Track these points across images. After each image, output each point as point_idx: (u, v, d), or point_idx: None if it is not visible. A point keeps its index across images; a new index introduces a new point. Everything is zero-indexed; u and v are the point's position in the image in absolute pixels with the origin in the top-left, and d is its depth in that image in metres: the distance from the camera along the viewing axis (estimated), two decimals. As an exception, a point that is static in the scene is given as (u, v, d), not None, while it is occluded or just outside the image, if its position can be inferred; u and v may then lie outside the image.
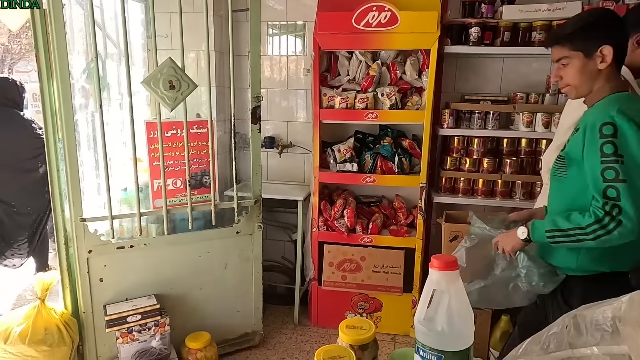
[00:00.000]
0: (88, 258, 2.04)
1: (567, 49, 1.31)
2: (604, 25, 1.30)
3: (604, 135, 1.19)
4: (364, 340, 1.18)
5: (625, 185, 1.15)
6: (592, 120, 1.23)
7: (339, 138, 2.80)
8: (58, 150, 1.95)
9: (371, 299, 2.71)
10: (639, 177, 1.17)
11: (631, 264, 1.32)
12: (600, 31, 1.28)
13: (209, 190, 2.29)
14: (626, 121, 1.18)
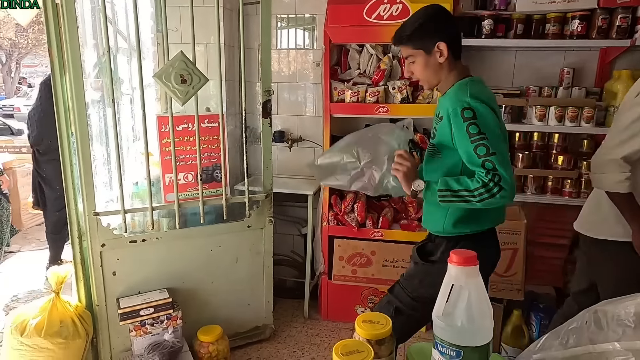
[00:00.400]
0: (101, 252, 2.06)
1: (410, 48, 1.49)
2: (436, 23, 1.46)
3: (467, 119, 1.36)
4: (381, 335, 1.18)
5: (496, 157, 1.33)
6: (452, 107, 1.39)
7: (348, 131, 2.76)
8: (71, 144, 1.96)
9: (381, 293, 2.71)
10: (504, 147, 1.39)
11: (488, 224, 1.55)
12: (434, 29, 1.46)
13: (220, 184, 2.30)
14: (480, 104, 1.37)
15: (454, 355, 1.00)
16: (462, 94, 1.41)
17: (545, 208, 2.53)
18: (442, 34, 1.45)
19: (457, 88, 1.46)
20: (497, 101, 2.48)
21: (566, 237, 2.56)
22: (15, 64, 18.56)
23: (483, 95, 1.42)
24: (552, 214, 2.54)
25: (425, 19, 1.46)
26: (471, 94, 1.39)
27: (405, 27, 1.48)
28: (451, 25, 1.49)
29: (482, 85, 1.49)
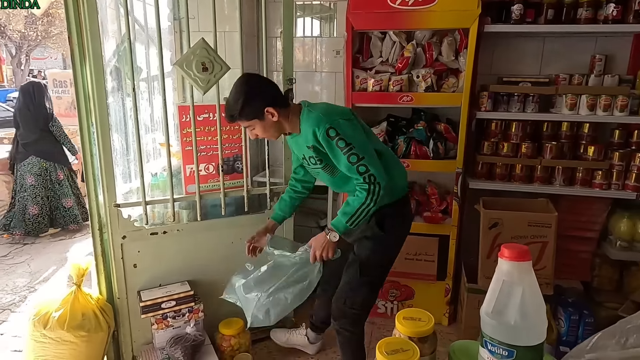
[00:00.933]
0: (122, 244, 2.02)
1: (245, 121, 1.65)
2: (257, 94, 1.61)
3: (333, 137, 1.55)
4: (424, 333, 1.13)
5: (366, 159, 1.56)
6: (318, 133, 1.58)
7: (369, 122, 2.69)
8: (91, 134, 1.92)
9: (402, 287, 2.66)
10: (370, 147, 1.61)
11: (399, 193, 1.80)
12: (258, 100, 1.61)
13: (241, 175, 2.25)
14: (335, 119, 1.57)
15: (506, 355, 0.95)
16: (315, 120, 1.59)
17: (573, 200, 2.46)
18: (266, 100, 1.61)
19: (306, 120, 1.64)
20: (521, 89, 2.42)
21: (594, 230, 2.49)
22: (25, 57, 18.62)
23: (332, 111, 1.63)
24: (580, 206, 2.46)
25: (246, 95, 1.60)
26: (323, 115, 1.58)
27: (231, 106, 1.62)
28: (269, 88, 1.66)
29: (322, 104, 1.70)
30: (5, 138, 5.12)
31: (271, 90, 1.66)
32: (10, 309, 3.01)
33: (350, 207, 1.63)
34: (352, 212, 1.62)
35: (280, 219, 2.01)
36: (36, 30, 17.28)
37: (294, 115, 1.68)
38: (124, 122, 2.23)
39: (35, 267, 3.65)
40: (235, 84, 1.64)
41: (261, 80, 1.70)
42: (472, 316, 2.32)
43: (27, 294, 3.20)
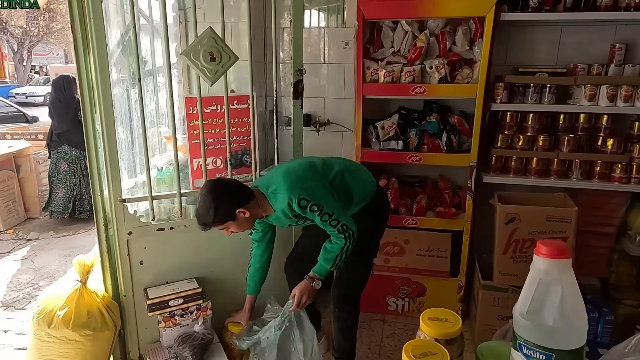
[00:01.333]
0: (128, 240, 1.97)
1: (219, 226, 1.75)
2: (225, 201, 1.69)
3: (306, 206, 1.68)
4: (451, 334, 1.06)
5: (335, 215, 1.71)
6: (291, 208, 1.71)
7: (379, 115, 2.65)
8: (96, 127, 1.85)
9: (414, 283, 2.60)
10: (335, 204, 1.74)
11: (371, 191, 1.92)
12: (228, 206, 1.69)
13: (249, 169, 2.18)
14: (302, 190, 1.69)
15: (543, 359, 0.88)
16: (285, 199, 1.70)
17: (591, 194, 2.38)
18: (236, 203, 1.69)
19: (277, 202, 1.75)
20: (538, 80, 2.33)
21: (612, 225, 2.41)
22: (27, 53, 18.57)
23: (293, 181, 1.72)
24: (599, 200, 2.39)
25: (215, 204, 1.67)
26: (289, 192, 1.69)
27: (203, 216, 1.70)
28: (234, 190, 1.73)
29: (277, 177, 1.78)
30: (7, 134, 5.08)
31: (237, 191, 1.73)
32: (14, 306, 2.96)
33: (330, 254, 1.76)
34: (333, 257, 1.76)
35: (258, 290, 2.11)
36: (38, 26, 17.23)
37: (261, 200, 1.77)
38: (129, 115, 2.16)
39: (38, 263, 3.60)
40: (201, 194, 1.71)
41: (226, 185, 1.75)
42: (487, 314, 2.26)
43: (30, 290, 3.16)
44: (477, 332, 2.30)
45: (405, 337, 2.48)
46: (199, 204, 1.71)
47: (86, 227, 4.40)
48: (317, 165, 1.85)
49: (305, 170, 1.80)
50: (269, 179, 1.83)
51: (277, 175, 1.80)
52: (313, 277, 1.81)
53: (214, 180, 1.78)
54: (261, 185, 1.81)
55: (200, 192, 1.72)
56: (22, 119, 7.93)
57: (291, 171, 1.79)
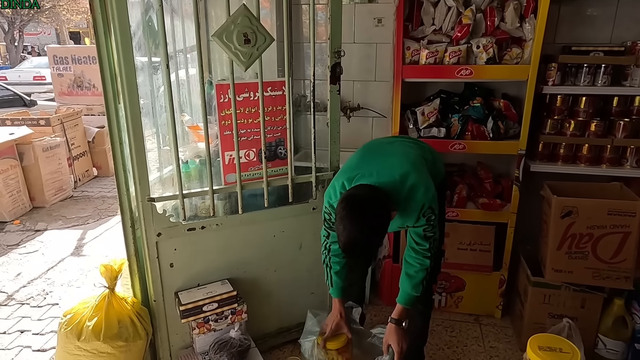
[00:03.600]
0: (157, 242, 1.81)
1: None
2: (380, 219, 1.40)
3: (428, 214, 1.50)
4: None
5: (438, 227, 1.57)
6: (416, 217, 1.51)
7: (415, 99, 2.46)
8: (119, 118, 1.67)
9: (452, 278, 2.46)
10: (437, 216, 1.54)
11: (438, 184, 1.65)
12: (385, 222, 1.41)
13: (284, 162, 2.01)
14: (433, 197, 1.52)
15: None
16: (417, 202, 1.48)
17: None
18: (390, 210, 1.44)
19: (407, 205, 1.50)
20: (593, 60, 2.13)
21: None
22: (18, 32, 17.99)
23: (427, 184, 1.51)
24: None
25: (375, 224, 1.39)
26: (424, 195, 1.48)
27: (364, 243, 1.39)
28: (381, 197, 1.43)
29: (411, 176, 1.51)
30: (7, 119, 4.85)
31: (381, 198, 1.42)
32: (29, 303, 2.82)
33: (416, 279, 1.58)
34: (419, 282, 1.59)
35: (344, 291, 1.82)
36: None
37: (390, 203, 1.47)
38: (151, 104, 1.97)
39: (50, 256, 3.45)
40: (349, 220, 1.36)
41: (370, 198, 1.41)
42: (536, 312, 2.14)
43: (45, 286, 3.02)
44: (524, 331, 2.18)
45: (445, 335, 2.36)
46: (349, 233, 1.36)
47: (95, 217, 4.25)
48: (424, 158, 1.62)
49: (425, 168, 1.56)
50: (379, 172, 1.50)
51: (394, 168, 1.50)
52: (400, 318, 1.64)
53: (349, 200, 1.40)
54: (367, 178, 1.49)
55: (342, 221, 1.37)
56: (20, 103, 7.63)
57: (415, 168, 1.52)
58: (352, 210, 1.37)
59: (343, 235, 1.37)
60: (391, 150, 1.66)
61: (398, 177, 1.47)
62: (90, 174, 5.38)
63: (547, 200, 2.11)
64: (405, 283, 1.61)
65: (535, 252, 2.32)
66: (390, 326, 1.66)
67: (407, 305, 1.64)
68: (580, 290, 2.06)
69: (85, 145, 5.29)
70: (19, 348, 2.39)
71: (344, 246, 1.39)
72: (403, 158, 1.58)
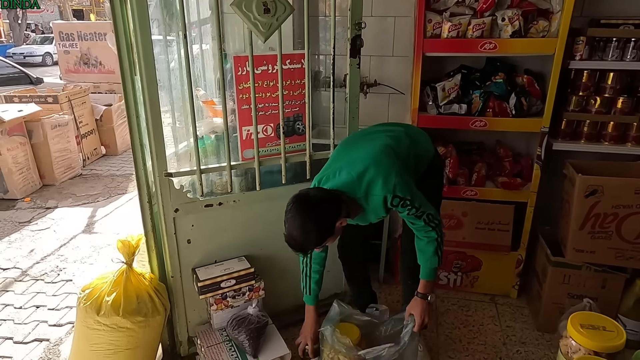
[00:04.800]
0: (174, 218, 1.78)
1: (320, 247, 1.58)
2: (321, 222, 1.47)
3: (398, 203, 1.52)
4: (615, 348, 0.90)
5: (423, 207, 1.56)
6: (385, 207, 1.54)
7: (434, 75, 2.39)
8: (136, 90, 1.62)
9: (469, 257, 2.44)
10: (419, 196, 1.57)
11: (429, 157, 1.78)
12: (326, 225, 1.48)
13: (301, 137, 1.97)
14: (395, 186, 1.50)
15: None
16: (377, 196, 1.51)
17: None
18: (332, 218, 1.48)
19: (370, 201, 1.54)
20: (626, 34, 2.06)
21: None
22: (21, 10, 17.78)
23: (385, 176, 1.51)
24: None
25: (314, 225, 1.45)
26: (382, 187, 1.50)
27: (303, 242, 1.48)
28: (328, 203, 1.48)
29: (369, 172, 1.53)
30: (15, 96, 4.80)
31: (329, 204, 1.49)
32: (43, 279, 2.84)
33: (428, 252, 1.64)
34: (433, 253, 1.63)
35: (318, 299, 1.93)
36: (31, -20, 16.35)
37: (349, 201, 1.54)
38: (167, 78, 1.92)
39: (62, 233, 3.46)
40: (288, 217, 1.47)
41: (314, 200, 1.49)
42: (555, 292, 2.11)
43: (58, 262, 3.03)
44: (542, 311, 2.16)
45: (461, 314, 2.35)
46: (290, 229, 1.47)
47: (105, 195, 4.24)
48: (392, 147, 1.62)
49: (390, 158, 1.57)
50: (341, 170, 1.57)
51: (354, 166, 1.55)
52: (425, 292, 1.70)
53: (298, 198, 1.49)
54: (331, 180, 1.58)
55: (286, 216, 1.48)
56: (26, 80, 7.58)
57: (375, 161, 1.54)
58: (296, 210, 1.46)
59: (285, 230, 1.49)
60: (359, 146, 1.67)
61: (355, 176, 1.52)
62: (98, 152, 5.36)
63: (570, 179, 2.06)
64: (420, 258, 1.67)
65: (554, 232, 2.29)
66: (416, 299, 1.71)
67: (429, 278, 1.69)
68: (601, 271, 2.03)
69: (93, 123, 5.26)
70: (35, 322, 2.40)
71: (285, 239, 1.50)
72: (366, 153, 1.59)
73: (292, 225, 1.46)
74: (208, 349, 1.85)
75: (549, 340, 2.14)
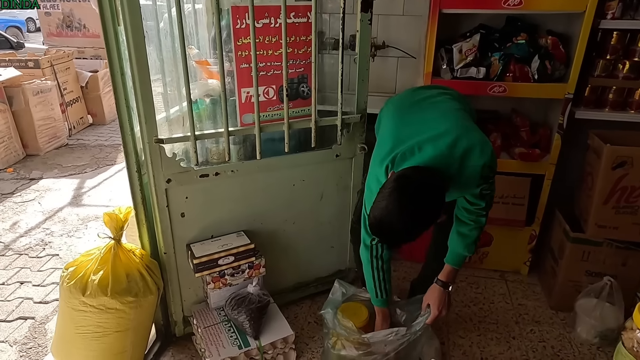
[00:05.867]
0: (167, 189, 1.61)
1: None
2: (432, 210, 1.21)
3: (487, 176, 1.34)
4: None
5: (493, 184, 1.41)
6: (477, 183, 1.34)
7: (451, 35, 2.19)
8: (120, 44, 1.42)
9: (479, 232, 2.31)
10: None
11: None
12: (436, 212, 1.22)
13: (306, 102, 1.79)
14: (492, 155, 1.33)
15: None
16: (475, 165, 1.31)
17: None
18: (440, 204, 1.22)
19: (464, 173, 1.31)
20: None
21: None
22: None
23: (483, 142, 1.34)
24: None
25: (425, 213, 1.20)
26: (480, 153, 1.31)
27: (403, 234, 1.20)
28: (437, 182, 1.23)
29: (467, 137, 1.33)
30: None
31: (436, 183, 1.23)
32: (27, 254, 2.68)
33: (470, 238, 1.45)
34: (473, 241, 1.47)
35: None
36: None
37: (444, 181, 1.29)
38: (157, 33, 1.71)
39: (47, 205, 3.28)
40: (389, 200, 1.17)
41: (422, 182, 1.21)
42: (572, 269, 2.00)
43: (43, 236, 2.86)
44: (557, 289, 2.06)
45: (470, 291, 2.24)
46: (389, 216, 1.17)
47: (93, 166, 4.04)
48: (466, 111, 1.45)
49: (473, 124, 1.38)
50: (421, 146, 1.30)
51: (439, 139, 1.29)
52: (448, 281, 1.51)
53: (404, 180, 1.21)
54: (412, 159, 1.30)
55: (388, 195, 1.18)
56: (6, 45, 7.17)
57: (463, 130, 1.32)
58: (402, 194, 1.17)
59: (380, 213, 1.18)
60: (426, 116, 1.42)
61: (445, 149, 1.27)
62: (85, 122, 5.11)
63: (594, 150, 1.92)
64: (457, 243, 1.47)
65: (571, 207, 2.16)
66: (435, 287, 1.53)
67: (457, 266, 1.52)
68: (624, 247, 1.91)
69: (78, 90, 4.98)
70: (19, 300, 2.26)
71: (376, 224, 1.21)
72: (446, 122, 1.35)
73: (395, 212, 1.16)
74: (205, 329, 1.72)
75: (563, 319, 2.05)
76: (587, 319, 1.86)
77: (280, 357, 1.75)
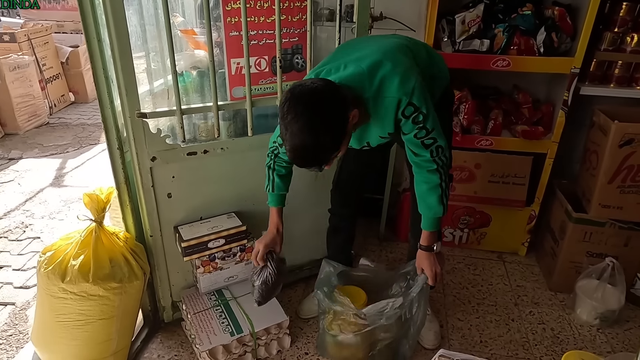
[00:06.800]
0: (151, 168, 1.50)
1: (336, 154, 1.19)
2: (334, 119, 1.12)
3: (411, 114, 1.21)
4: None
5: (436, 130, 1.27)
6: (394, 119, 1.24)
7: (453, 7, 2.08)
8: (96, 7, 1.28)
9: (477, 213, 2.25)
10: (435, 117, 1.26)
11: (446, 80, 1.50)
12: (340, 118, 1.13)
13: (301, 74, 1.67)
14: (414, 90, 1.20)
15: None
16: (391, 98, 1.20)
17: None
18: (347, 108, 1.14)
19: (379, 104, 1.22)
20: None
21: None
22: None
23: (403, 75, 1.20)
24: None
25: (326, 123, 1.10)
26: (398, 87, 1.19)
27: (316, 147, 1.11)
28: (336, 92, 1.14)
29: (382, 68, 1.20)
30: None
31: (337, 92, 1.14)
32: (7, 237, 2.55)
33: (431, 198, 1.34)
34: (437, 201, 1.34)
35: (284, 201, 1.57)
36: None
37: (359, 105, 1.19)
38: None
39: (27, 186, 3.13)
40: (294, 118, 1.08)
41: (320, 90, 1.12)
42: (573, 250, 1.95)
43: (23, 218, 2.73)
44: (558, 270, 2.01)
45: (468, 273, 2.19)
46: (293, 135, 1.09)
47: (75, 146, 3.88)
48: (410, 49, 1.31)
49: (408, 59, 1.25)
50: (347, 64, 1.23)
51: (364, 59, 1.21)
52: (428, 245, 1.43)
53: (295, 93, 1.12)
54: (333, 74, 1.22)
55: (284, 120, 1.10)
56: (-20, 19, 6.83)
57: (392, 58, 1.21)
58: (297, 106, 1.09)
59: (286, 139, 1.11)
60: (368, 45, 1.32)
61: (366, 69, 1.19)
62: (66, 100, 4.90)
63: (600, 127, 1.85)
64: (421, 207, 1.39)
65: (572, 187, 2.11)
66: (420, 252, 1.47)
67: (431, 229, 1.42)
68: (627, 228, 1.86)
69: (58, 66, 4.76)
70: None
71: (289, 151, 1.13)
72: (379, 49, 1.26)
73: (296, 129, 1.08)
74: (195, 315, 1.63)
75: (562, 301, 2.01)
76: (588, 300, 1.82)
77: (275, 342, 1.69)
